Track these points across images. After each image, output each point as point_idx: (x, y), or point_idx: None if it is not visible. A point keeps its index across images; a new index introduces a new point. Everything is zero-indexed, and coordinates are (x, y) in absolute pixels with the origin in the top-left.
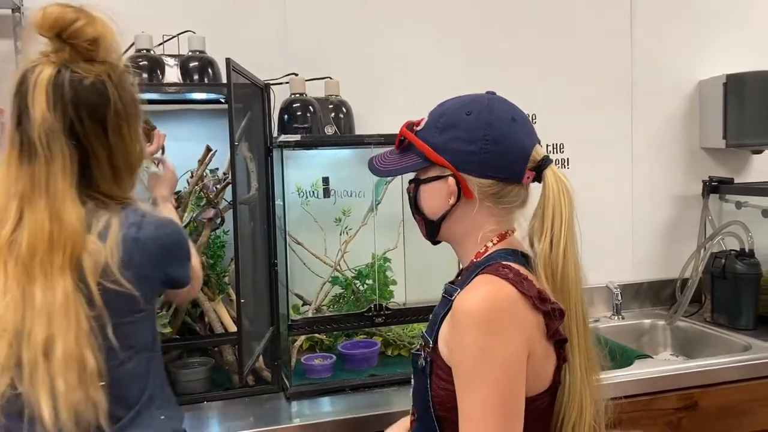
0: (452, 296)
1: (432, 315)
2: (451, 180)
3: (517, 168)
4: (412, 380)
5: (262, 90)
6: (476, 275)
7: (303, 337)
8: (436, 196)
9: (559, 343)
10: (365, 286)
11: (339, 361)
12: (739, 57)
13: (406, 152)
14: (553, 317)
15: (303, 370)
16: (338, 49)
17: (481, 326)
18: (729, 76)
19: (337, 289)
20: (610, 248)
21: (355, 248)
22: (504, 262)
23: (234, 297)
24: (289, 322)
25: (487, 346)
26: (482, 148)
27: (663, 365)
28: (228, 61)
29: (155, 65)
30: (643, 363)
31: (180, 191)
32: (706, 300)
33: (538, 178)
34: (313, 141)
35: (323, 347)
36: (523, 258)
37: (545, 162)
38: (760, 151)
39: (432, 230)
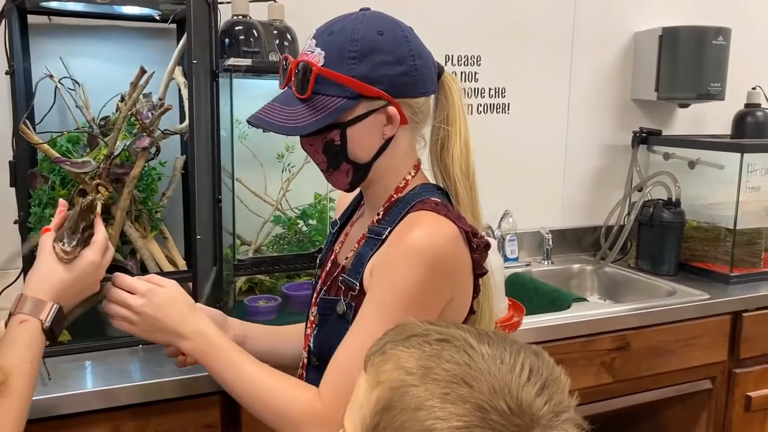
0: (382, 235)
1: (356, 257)
2: (392, 109)
3: (434, 77)
4: (315, 327)
5: (210, 6)
6: (408, 212)
7: (242, 278)
8: (369, 135)
9: (479, 275)
10: (309, 226)
11: (282, 303)
12: (673, 10)
13: (316, 96)
14: (480, 251)
15: (245, 311)
16: None
17: (427, 263)
18: (665, 29)
19: (278, 230)
20: (541, 194)
21: (297, 187)
22: (434, 198)
23: (168, 235)
24: (235, 262)
25: (423, 285)
26: (411, 65)
27: (599, 308)
28: None
29: None
30: (579, 306)
31: (109, 116)
32: (631, 246)
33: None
34: (267, 67)
35: (263, 289)
36: (440, 191)
37: (441, 67)
38: (686, 105)
39: (362, 175)
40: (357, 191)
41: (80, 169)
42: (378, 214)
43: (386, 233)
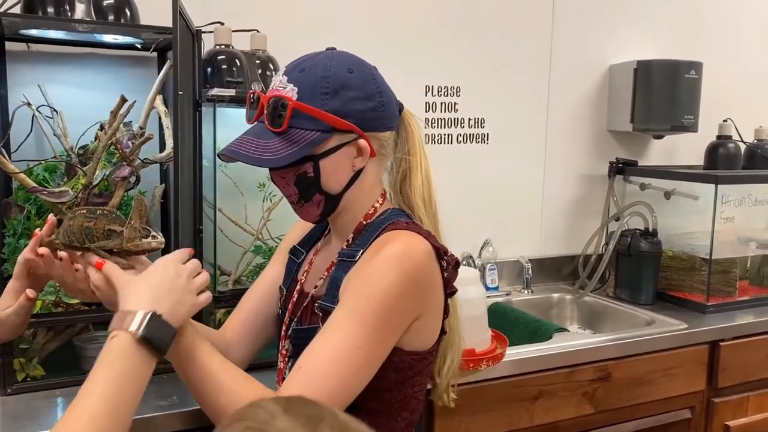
0: (355, 257)
1: (330, 281)
2: (362, 142)
3: (396, 113)
4: (289, 360)
5: (194, 36)
6: (379, 234)
7: (222, 310)
8: (341, 167)
9: (449, 294)
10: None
11: None
12: (647, 44)
13: (291, 129)
14: (450, 269)
15: None
16: (266, 1)
17: (403, 272)
18: (639, 62)
19: (258, 260)
20: (520, 223)
21: (278, 216)
22: (404, 220)
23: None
24: (216, 294)
25: (399, 291)
26: (379, 101)
27: (581, 339)
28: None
29: None
30: (561, 337)
31: (88, 145)
32: (610, 276)
33: None
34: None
35: None
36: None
37: (400, 103)
38: (661, 137)
39: (333, 206)
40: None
41: (57, 199)
42: (348, 240)
43: (359, 255)
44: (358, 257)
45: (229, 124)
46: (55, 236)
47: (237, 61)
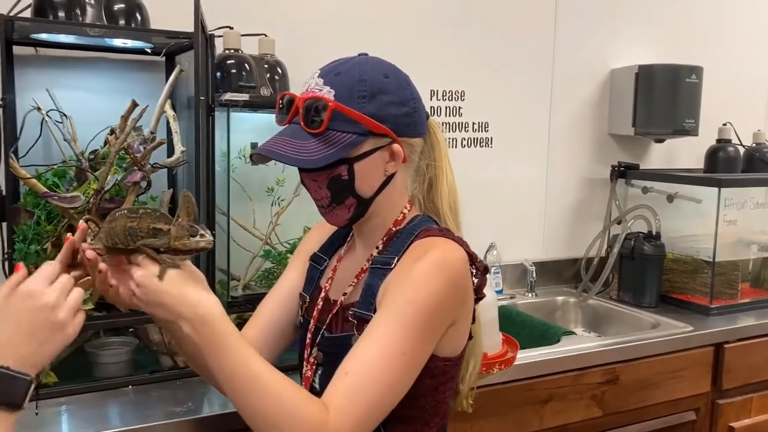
0: (390, 264)
1: (365, 288)
2: (396, 147)
3: (425, 120)
4: (317, 367)
5: (207, 41)
6: (413, 240)
7: (233, 316)
8: (374, 171)
9: (477, 300)
10: None
11: None
12: (648, 49)
13: (329, 131)
14: (480, 275)
15: None
16: (274, 5)
17: (445, 277)
18: (641, 67)
19: (267, 264)
20: (522, 226)
21: (287, 221)
22: (436, 227)
23: None
24: (229, 300)
25: (441, 297)
26: (413, 107)
27: (589, 342)
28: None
29: (75, 3)
30: (569, 340)
31: (98, 149)
32: (613, 279)
33: None
34: (263, 102)
35: None
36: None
37: (426, 112)
38: (662, 140)
39: (363, 211)
40: (333, 228)
41: (69, 204)
42: (377, 247)
43: (394, 262)
44: (393, 264)
45: (238, 128)
46: (92, 241)
47: (247, 65)
